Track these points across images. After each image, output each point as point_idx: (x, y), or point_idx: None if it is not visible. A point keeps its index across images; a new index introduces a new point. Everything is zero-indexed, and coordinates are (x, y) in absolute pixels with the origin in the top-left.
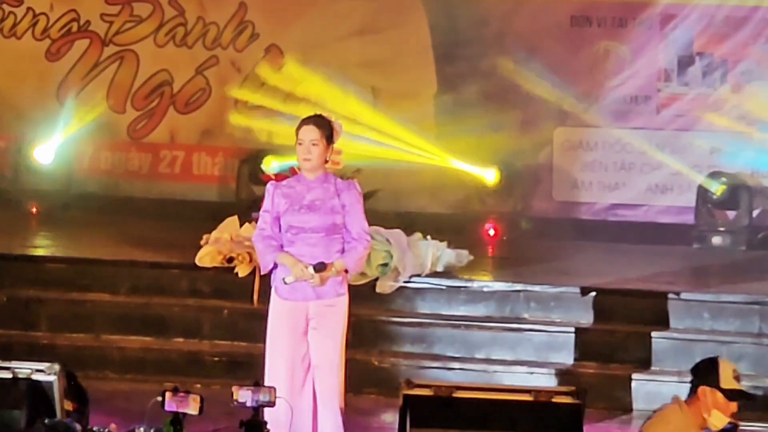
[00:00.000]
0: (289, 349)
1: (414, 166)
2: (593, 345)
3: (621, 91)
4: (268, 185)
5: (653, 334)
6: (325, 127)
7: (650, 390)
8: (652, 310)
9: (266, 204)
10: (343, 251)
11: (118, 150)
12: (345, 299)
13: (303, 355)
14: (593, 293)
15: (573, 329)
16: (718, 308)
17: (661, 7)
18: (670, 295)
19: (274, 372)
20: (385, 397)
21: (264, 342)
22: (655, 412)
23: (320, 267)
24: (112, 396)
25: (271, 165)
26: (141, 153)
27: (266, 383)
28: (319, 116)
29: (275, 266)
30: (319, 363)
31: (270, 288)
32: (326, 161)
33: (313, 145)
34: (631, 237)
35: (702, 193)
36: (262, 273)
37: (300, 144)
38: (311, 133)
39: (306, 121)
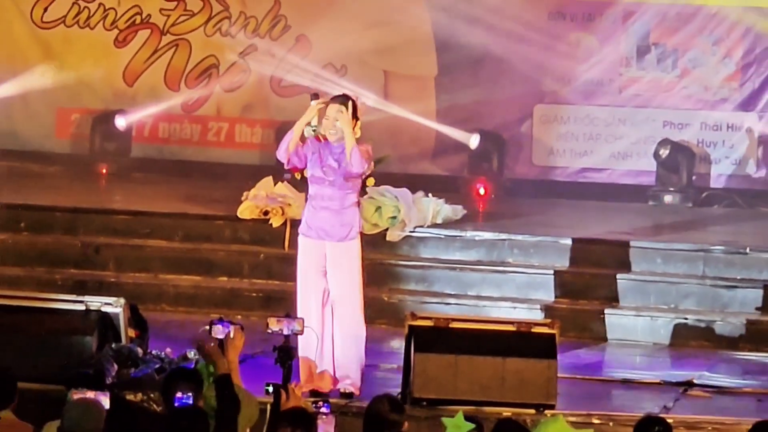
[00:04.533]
0: (308, 280)
1: (418, 135)
2: (566, 285)
3: (589, 74)
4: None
5: (615, 276)
6: (348, 105)
7: (614, 322)
8: (615, 256)
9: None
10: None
11: (173, 121)
12: (357, 243)
13: (322, 288)
14: (567, 241)
15: (550, 271)
16: (669, 255)
17: (623, 4)
18: (631, 243)
19: (300, 303)
20: (393, 327)
21: (294, 281)
22: None
23: (314, 96)
24: (168, 325)
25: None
26: (192, 124)
27: (298, 314)
28: (345, 96)
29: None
30: (337, 297)
31: (295, 239)
32: (351, 133)
33: (336, 119)
34: (597, 195)
35: (656, 158)
36: (280, 156)
37: (326, 119)
38: (334, 109)
39: (333, 99)
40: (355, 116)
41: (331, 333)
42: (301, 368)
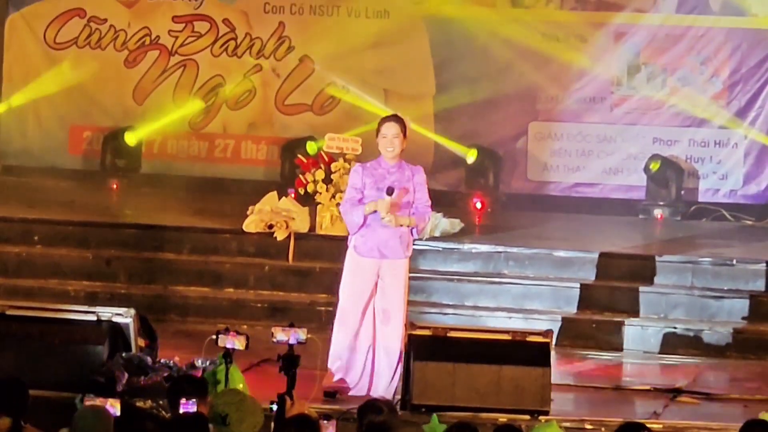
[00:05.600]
0: (359, 298)
1: (417, 151)
2: (559, 295)
3: (582, 93)
4: (357, 167)
5: (609, 286)
6: (402, 124)
7: (606, 331)
8: (608, 268)
9: (355, 181)
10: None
11: (181, 138)
12: (407, 261)
13: (365, 304)
14: (561, 253)
15: (543, 283)
16: (659, 266)
17: (614, 26)
18: (622, 255)
19: (344, 316)
20: None
21: (301, 291)
22: None
23: (390, 190)
24: (176, 335)
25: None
26: (200, 141)
27: (336, 325)
28: (397, 116)
29: (364, 223)
30: (386, 311)
31: (298, 252)
32: (402, 150)
33: (395, 137)
34: (589, 209)
35: (647, 174)
36: (353, 232)
37: (384, 137)
38: (393, 128)
39: (388, 119)
40: (405, 135)
41: (369, 346)
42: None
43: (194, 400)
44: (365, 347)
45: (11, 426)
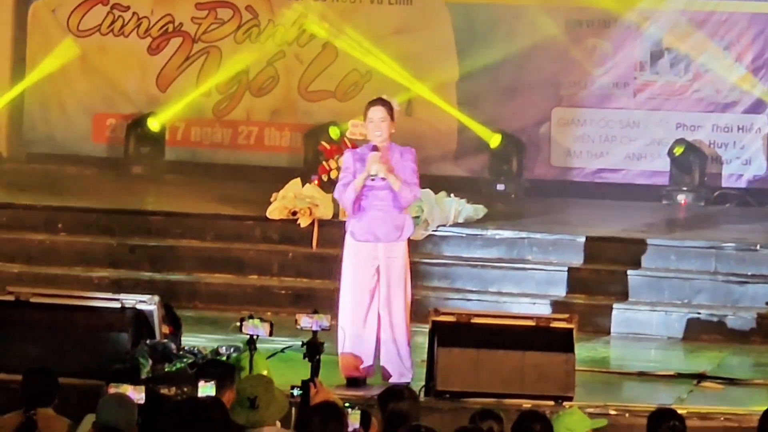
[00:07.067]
0: (359, 283)
1: (440, 138)
2: (583, 281)
3: (605, 78)
4: (347, 153)
5: (629, 272)
6: (389, 107)
7: (630, 317)
8: (629, 253)
9: (347, 164)
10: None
11: (205, 125)
12: (405, 244)
13: (371, 289)
14: (584, 239)
15: (566, 268)
16: (683, 252)
17: (637, 11)
18: (646, 241)
19: (345, 303)
20: (417, 322)
21: (325, 278)
22: None
23: (374, 148)
24: (200, 322)
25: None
26: (223, 128)
27: (340, 314)
28: (383, 99)
29: (358, 199)
30: (387, 296)
31: (322, 239)
32: (390, 133)
33: (382, 121)
34: (613, 195)
35: (671, 158)
36: (350, 211)
37: (371, 122)
38: (380, 112)
39: (374, 102)
40: (392, 118)
41: (374, 333)
42: (343, 364)
43: (213, 382)
44: (372, 334)
45: (24, 420)
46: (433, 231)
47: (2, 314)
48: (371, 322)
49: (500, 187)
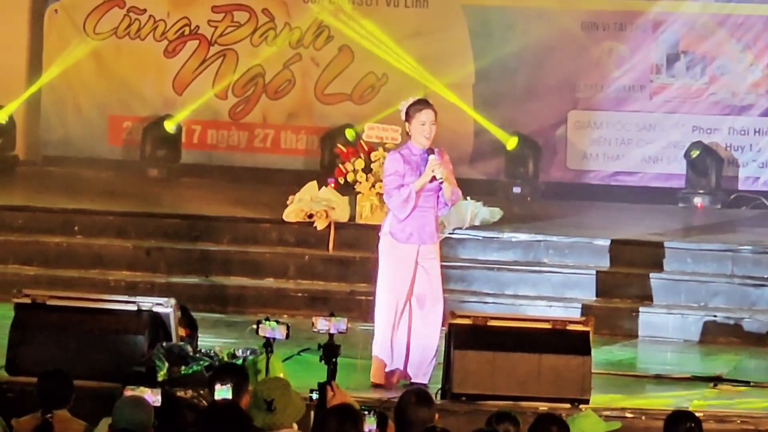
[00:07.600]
0: (400, 284)
1: (456, 140)
2: (599, 284)
3: (621, 81)
4: (394, 154)
5: (646, 275)
6: (435, 110)
7: (646, 320)
8: (646, 256)
9: (397, 168)
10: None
11: (221, 128)
12: (439, 246)
13: (407, 291)
14: (601, 242)
15: (583, 271)
16: (699, 255)
17: (653, 14)
18: (663, 244)
19: (387, 305)
20: None
21: (341, 281)
22: None
23: (431, 150)
24: (217, 324)
25: (352, 135)
26: (239, 131)
27: (377, 316)
28: (428, 101)
29: (415, 205)
30: (424, 296)
31: (338, 241)
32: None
33: (432, 124)
34: (629, 198)
35: (687, 161)
36: (404, 215)
37: (423, 124)
38: (431, 115)
39: (426, 105)
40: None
41: (405, 335)
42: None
43: (229, 385)
44: (404, 335)
45: (41, 423)
46: (449, 234)
47: (19, 317)
48: (404, 324)
49: (516, 189)
